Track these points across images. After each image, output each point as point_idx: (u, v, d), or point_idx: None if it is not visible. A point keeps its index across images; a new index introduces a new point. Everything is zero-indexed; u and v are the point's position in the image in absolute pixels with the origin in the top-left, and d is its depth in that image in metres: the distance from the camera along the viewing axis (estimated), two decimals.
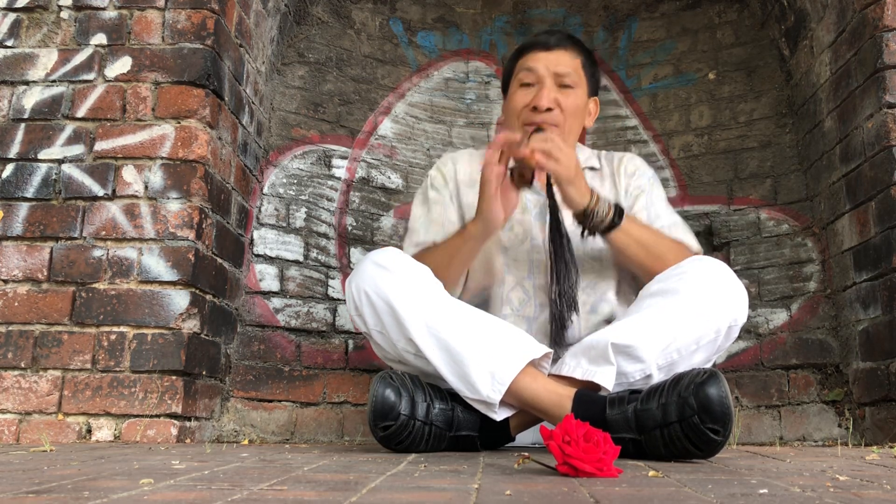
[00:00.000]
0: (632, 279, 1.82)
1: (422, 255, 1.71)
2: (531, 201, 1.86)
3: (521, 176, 1.52)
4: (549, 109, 1.76)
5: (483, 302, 1.77)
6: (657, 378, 1.46)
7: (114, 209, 1.93)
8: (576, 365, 1.47)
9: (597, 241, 1.72)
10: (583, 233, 1.68)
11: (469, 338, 1.47)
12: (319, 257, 2.48)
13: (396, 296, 1.50)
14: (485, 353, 1.45)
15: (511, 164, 1.62)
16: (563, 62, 1.80)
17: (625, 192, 1.87)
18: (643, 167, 1.93)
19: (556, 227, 1.73)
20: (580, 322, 1.73)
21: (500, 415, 1.46)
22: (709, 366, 1.56)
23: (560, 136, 1.71)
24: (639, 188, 1.87)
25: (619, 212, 1.63)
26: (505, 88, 1.93)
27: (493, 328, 1.50)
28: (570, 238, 1.72)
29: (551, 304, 1.70)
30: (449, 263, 1.67)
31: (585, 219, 1.63)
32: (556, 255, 1.70)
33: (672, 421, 1.29)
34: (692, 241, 1.80)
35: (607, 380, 1.42)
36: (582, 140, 2.04)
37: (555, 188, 1.73)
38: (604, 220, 1.62)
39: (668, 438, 1.30)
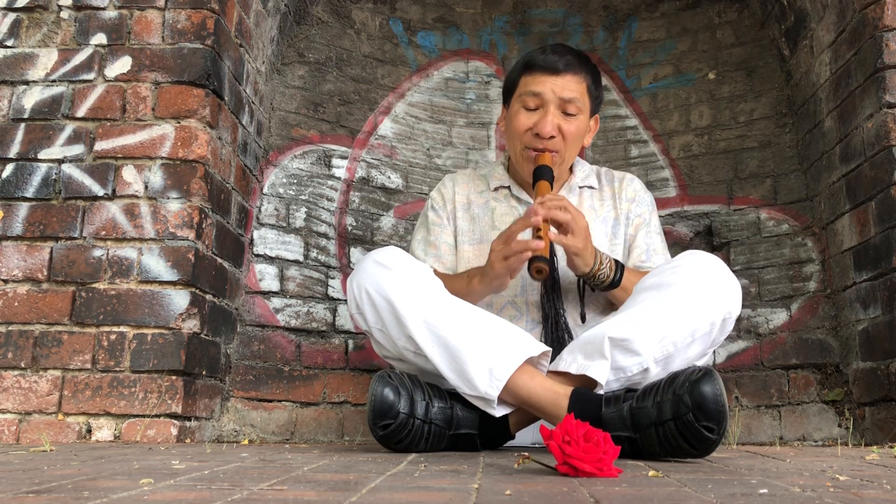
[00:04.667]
0: None
1: None
2: None
3: (539, 272, 1.54)
4: (551, 137, 1.79)
5: None
6: (654, 372, 1.46)
7: (114, 209, 1.93)
8: (572, 360, 1.48)
9: None
10: (584, 286, 1.79)
11: (467, 335, 1.48)
12: (319, 257, 2.48)
13: (396, 294, 1.52)
14: (483, 350, 1.46)
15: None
16: (569, 88, 1.79)
17: (625, 217, 1.92)
18: (642, 192, 1.97)
19: (550, 273, 1.78)
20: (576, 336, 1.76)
21: (498, 411, 1.46)
22: (705, 360, 1.57)
23: (560, 164, 1.83)
24: (640, 217, 1.92)
25: (619, 271, 1.71)
26: (507, 97, 1.93)
27: (491, 326, 1.51)
28: (561, 283, 1.81)
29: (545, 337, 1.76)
30: None
31: (588, 280, 1.72)
32: (549, 298, 1.79)
33: (667, 419, 1.30)
34: None
35: (601, 374, 1.42)
36: (581, 153, 2.06)
37: (556, 245, 1.79)
38: (605, 282, 1.71)
39: (662, 437, 1.30)
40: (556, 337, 1.74)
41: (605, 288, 1.72)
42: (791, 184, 2.51)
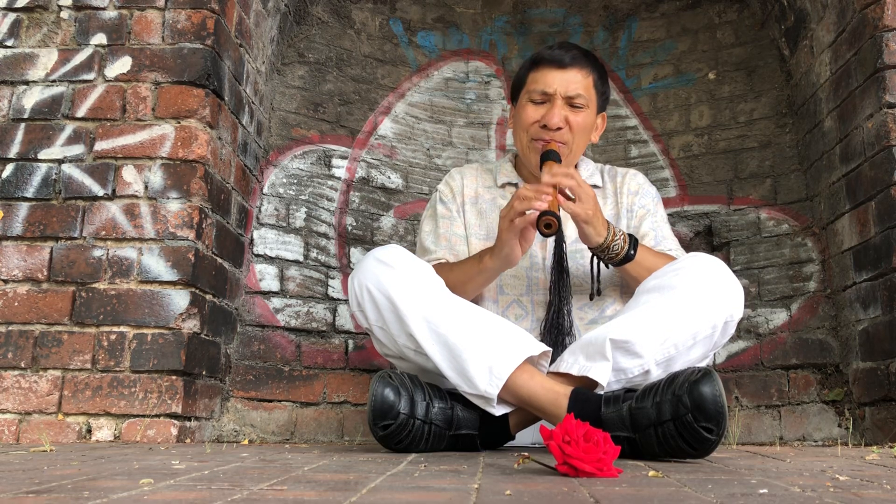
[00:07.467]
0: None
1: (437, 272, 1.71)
2: None
3: (548, 226, 1.51)
4: (558, 128, 1.79)
5: None
6: (655, 374, 1.46)
7: (114, 209, 1.93)
8: (573, 362, 1.48)
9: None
10: (598, 263, 1.74)
11: (468, 334, 1.48)
12: (319, 257, 2.48)
13: (397, 292, 1.52)
14: (483, 348, 1.46)
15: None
16: (576, 81, 1.81)
17: (627, 210, 1.90)
18: (646, 185, 1.96)
19: (558, 260, 1.79)
20: (580, 336, 1.74)
21: (498, 410, 1.46)
22: (706, 362, 1.57)
23: (567, 155, 1.80)
24: (644, 208, 1.90)
25: (633, 244, 1.67)
26: (514, 95, 1.93)
27: (492, 325, 1.51)
28: (569, 272, 1.79)
29: (544, 334, 1.75)
30: (463, 288, 1.69)
31: (601, 253, 1.68)
32: (556, 288, 1.77)
33: (666, 419, 1.30)
34: None
35: (602, 375, 1.43)
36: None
37: (563, 219, 1.78)
38: (619, 255, 1.66)
39: (662, 437, 1.30)
40: (559, 328, 1.73)
41: (619, 262, 1.67)
42: (791, 184, 2.51)
